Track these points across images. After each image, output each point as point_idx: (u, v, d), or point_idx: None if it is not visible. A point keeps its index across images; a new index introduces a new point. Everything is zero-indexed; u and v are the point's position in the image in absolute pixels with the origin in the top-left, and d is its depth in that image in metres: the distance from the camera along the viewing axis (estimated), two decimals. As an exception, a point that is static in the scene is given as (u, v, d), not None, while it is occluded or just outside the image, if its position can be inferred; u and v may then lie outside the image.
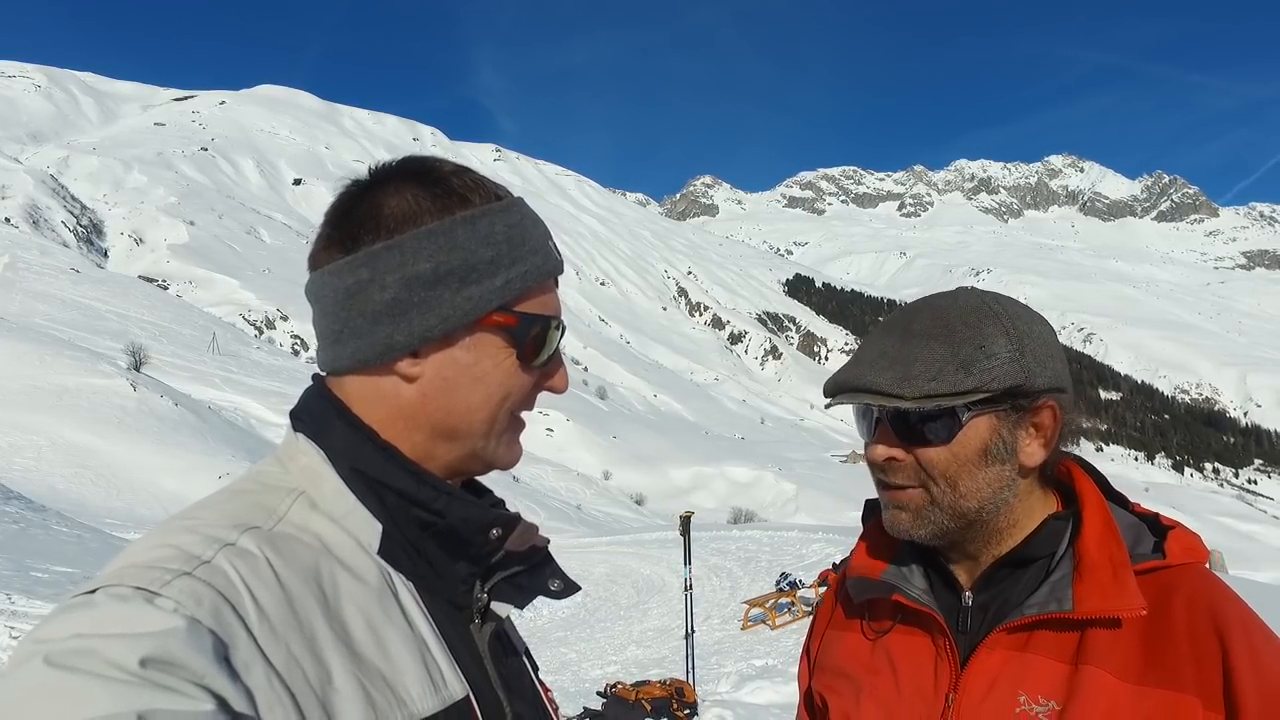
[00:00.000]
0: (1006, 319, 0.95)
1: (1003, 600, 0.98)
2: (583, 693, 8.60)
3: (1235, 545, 63.17)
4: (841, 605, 1.14)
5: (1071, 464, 1.03)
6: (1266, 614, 0.82)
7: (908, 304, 1.02)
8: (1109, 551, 0.93)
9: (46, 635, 0.55)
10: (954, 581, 1.02)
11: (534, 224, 0.80)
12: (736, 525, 30.96)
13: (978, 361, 0.92)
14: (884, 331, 0.99)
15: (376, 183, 0.77)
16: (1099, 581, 0.91)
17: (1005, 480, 0.95)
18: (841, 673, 1.08)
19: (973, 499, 0.95)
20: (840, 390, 0.98)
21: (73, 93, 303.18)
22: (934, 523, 0.96)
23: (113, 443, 25.76)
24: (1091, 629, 0.91)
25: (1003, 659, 0.94)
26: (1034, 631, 0.94)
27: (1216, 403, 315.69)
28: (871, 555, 1.08)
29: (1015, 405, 0.94)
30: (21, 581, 8.98)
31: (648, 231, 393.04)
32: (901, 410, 0.94)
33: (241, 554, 0.64)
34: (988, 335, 0.93)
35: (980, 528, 0.97)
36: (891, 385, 0.93)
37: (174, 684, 0.54)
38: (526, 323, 0.77)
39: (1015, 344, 0.93)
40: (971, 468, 0.94)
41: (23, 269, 68.18)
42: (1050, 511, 1.00)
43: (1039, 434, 0.96)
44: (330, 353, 0.77)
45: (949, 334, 0.94)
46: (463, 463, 0.79)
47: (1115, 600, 0.90)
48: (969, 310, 0.96)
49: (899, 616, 1.04)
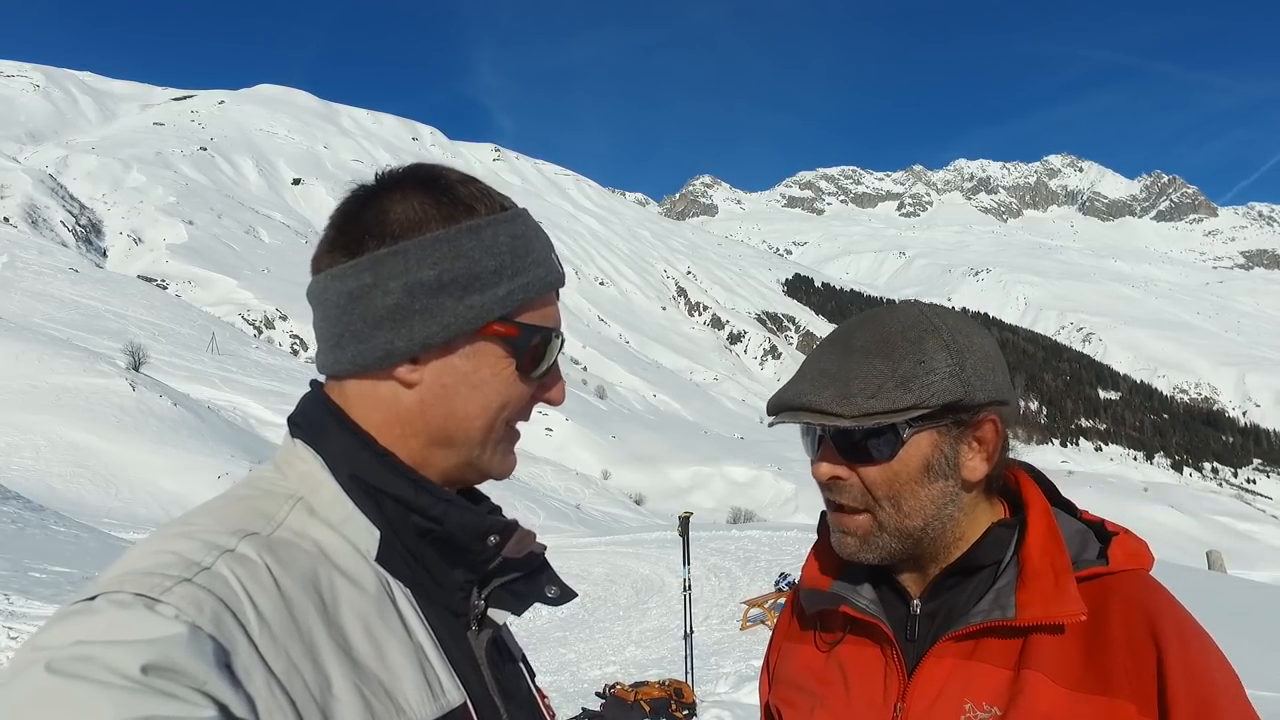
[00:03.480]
0: (947, 333, 0.94)
1: (950, 608, 0.98)
2: (581, 693, 8.59)
3: (1234, 545, 63.27)
4: (797, 617, 1.14)
5: (1019, 471, 1.03)
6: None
7: (852, 319, 1.01)
8: (1051, 558, 0.94)
9: (47, 642, 0.55)
10: (902, 591, 1.02)
11: (537, 235, 0.81)
12: (735, 525, 30.93)
13: (917, 378, 0.92)
14: (826, 348, 0.98)
15: (383, 188, 0.77)
16: (1041, 588, 0.92)
17: (949, 495, 0.96)
18: (797, 685, 1.08)
19: (917, 517, 0.95)
20: (781, 409, 0.97)
21: (71, 92, 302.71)
22: (881, 547, 0.96)
23: (111, 442, 25.73)
24: (1034, 635, 0.92)
25: (949, 667, 0.95)
26: (980, 639, 0.94)
27: (1215, 402, 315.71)
28: (822, 567, 1.08)
29: (956, 420, 0.94)
30: (19, 582, 8.96)
31: (647, 231, 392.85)
32: (842, 429, 0.93)
33: (241, 560, 0.64)
34: (927, 350, 0.93)
35: (927, 544, 0.97)
36: (830, 404, 0.92)
37: (176, 690, 0.54)
38: (527, 333, 0.78)
39: (955, 358, 0.93)
40: (914, 485, 0.94)
41: (21, 268, 68.08)
42: (993, 519, 1.00)
43: (981, 448, 0.96)
44: (330, 356, 0.77)
45: (888, 350, 0.93)
46: (458, 471, 0.79)
47: (1056, 606, 0.90)
48: (909, 325, 0.95)
49: (849, 627, 1.04)
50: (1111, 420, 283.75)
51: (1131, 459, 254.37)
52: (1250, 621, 9.95)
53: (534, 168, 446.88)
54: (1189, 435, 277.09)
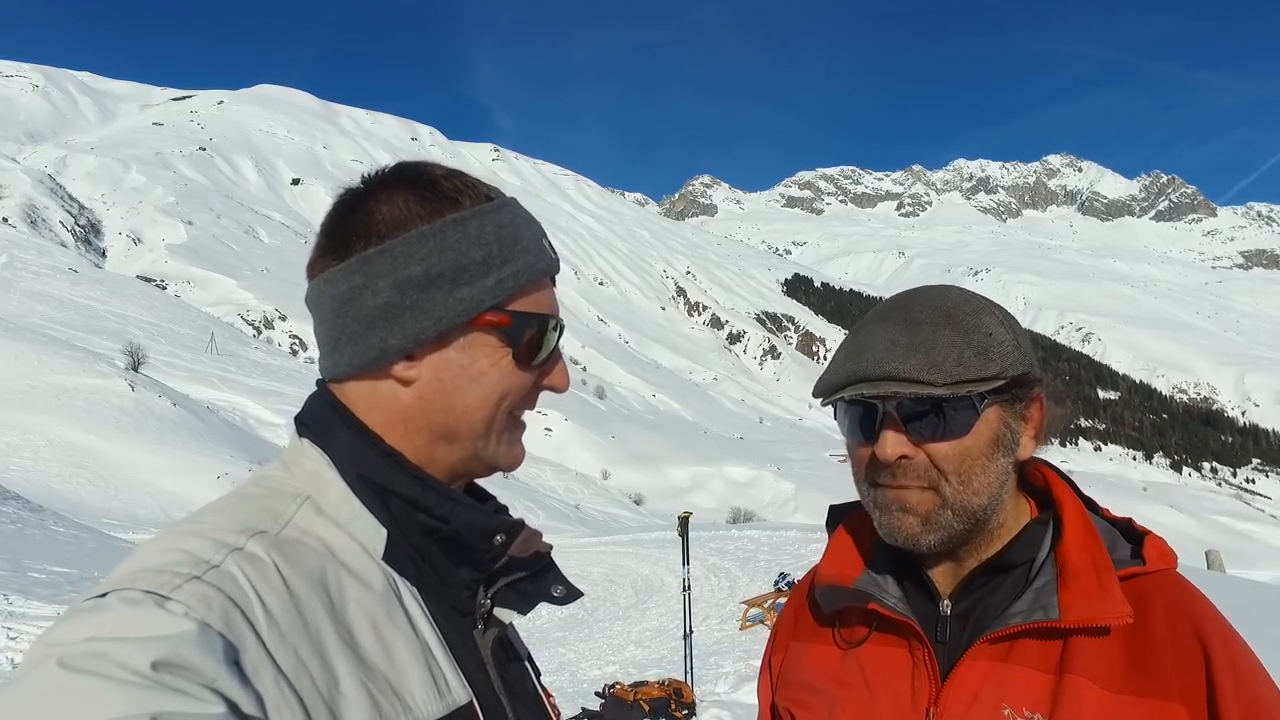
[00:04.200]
0: (997, 309, 0.93)
1: (983, 609, 0.94)
2: (581, 693, 8.59)
3: (1233, 544, 63.31)
4: (808, 615, 1.09)
5: (1044, 468, 1.01)
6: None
7: (894, 296, 0.97)
8: (1091, 557, 0.91)
9: (59, 639, 0.56)
10: (931, 589, 0.98)
11: (526, 223, 0.80)
12: (735, 525, 30.92)
13: (992, 349, 0.89)
14: (881, 321, 0.93)
15: (369, 190, 0.78)
16: (1084, 588, 0.89)
17: (1006, 473, 0.93)
18: (810, 686, 1.03)
19: (983, 494, 0.91)
20: (858, 380, 0.91)
21: (70, 92, 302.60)
22: (944, 527, 0.92)
23: (110, 443, 25.72)
24: (1076, 637, 0.89)
25: (985, 670, 0.91)
26: (1017, 641, 0.91)
27: (1214, 402, 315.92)
28: (842, 562, 1.04)
29: (1015, 395, 0.92)
30: (19, 582, 8.97)
31: (646, 231, 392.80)
32: (930, 397, 0.88)
33: (250, 559, 0.65)
34: (986, 323, 0.90)
35: (981, 528, 0.94)
36: (920, 371, 0.88)
37: (186, 687, 0.55)
38: (521, 321, 0.77)
39: (1012, 333, 0.91)
40: (985, 460, 0.91)
41: (20, 269, 68.05)
42: (1027, 515, 0.98)
43: (1030, 425, 0.95)
44: (330, 359, 0.78)
45: (955, 322, 0.90)
46: (464, 465, 0.80)
47: (1102, 608, 0.87)
48: (962, 300, 0.93)
49: (874, 626, 0.99)
50: (1111, 420, 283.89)
51: (1131, 459, 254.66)
52: (1249, 621, 9.84)
53: (533, 168, 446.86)
54: (1188, 435, 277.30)
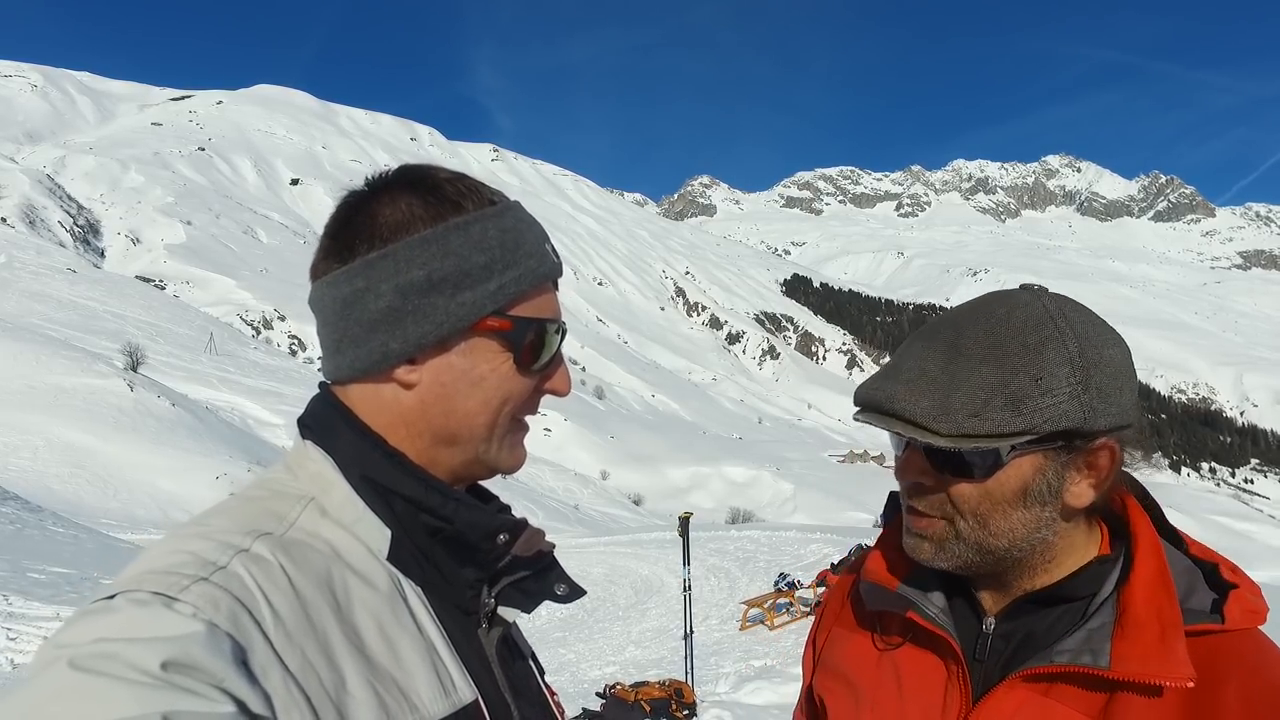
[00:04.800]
0: (1074, 341, 0.81)
1: (1028, 635, 0.88)
2: (581, 694, 8.58)
3: (1231, 544, 63.32)
4: (852, 605, 1.05)
5: (1126, 494, 0.90)
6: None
7: (961, 307, 0.88)
8: (1158, 607, 0.81)
9: (69, 640, 0.56)
10: (976, 604, 0.92)
11: (529, 228, 0.80)
12: (734, 525, 30.96)
13: (1030, 399, 0.79)
14: (928, 342, 0.86)
15: (373, 192, 0.78)
16: (1143, 641, 0.80)
17: (1043, 521, 0.84)
18: (843, 677, 1.01)
19: (1003, 539, 0.84)
20: (870, 409, 0.87)
21: (69, 92, 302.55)
22: (957, 556, 0.86)
23: (109, 443, 25.71)
24: (1125, 692, 0.80)
25: (1021, 700, 0.84)
26: (1060, 680, 0.83)
27: (1213, 402, 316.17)
28: (890, 562, 0.98)
29: (1069, 446, 0.82)
30: (18, 582, 8.96)
31: (645, 231, 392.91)
32: (929, 445, 0.83)
33: (256, 560, 0.65)
34: (1048, 363, 0.79)
35: (1011, 564, 0.87)
36: (926, 417, 0.81)
37: (195, 686, 0.55)
38: (522, 326, 0.78)
39: (1080, 375, 0.80)
40: (1006, 507, 0.83)
41: (19, 269, 68.00)
42: (1095, 547, 0.89)
43: (1091, 474, 0.84)
44: (332, 362, 0.78)
45: (1001, 357, 0.80)
46: (466, 468, 0.80)
47: (1159, 666, 0.78)
48: (1030, 326, 0.81)
49: (911, 634, 0.94)
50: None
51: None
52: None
53: (532, 168, 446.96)
54: (1187, 435, 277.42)
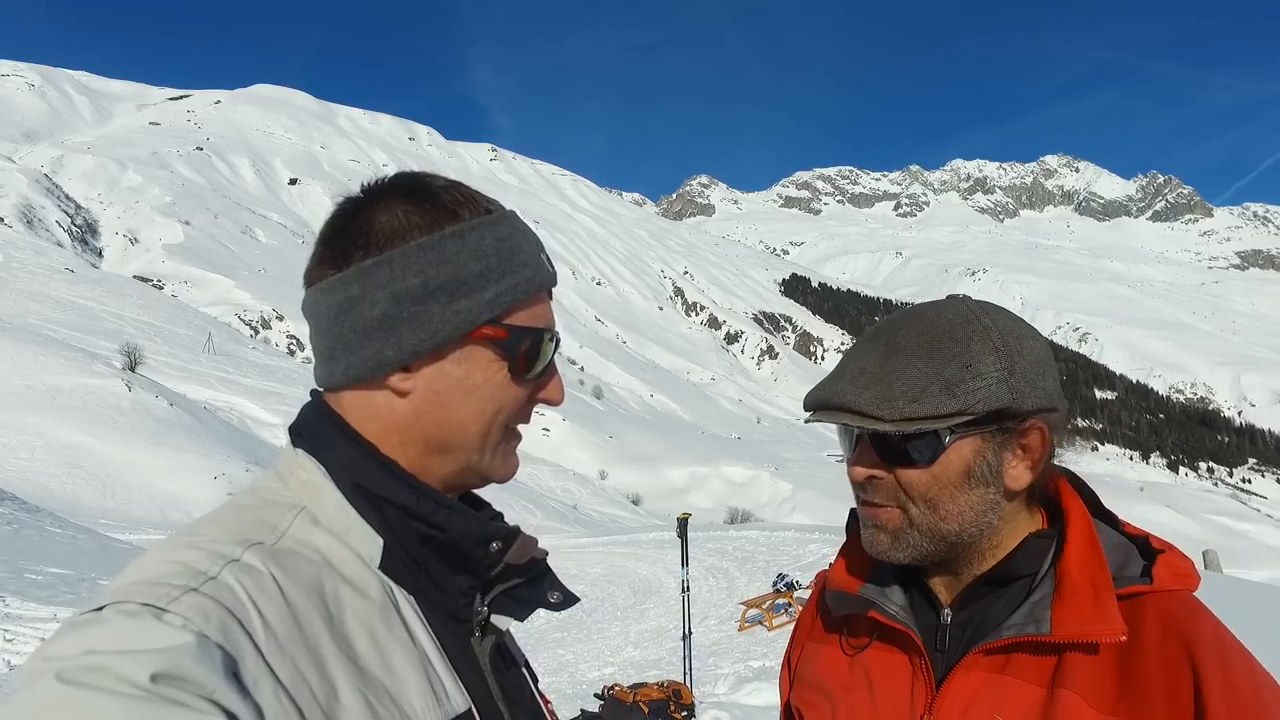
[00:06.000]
0: (997, 334, 0.91)
1: (982, 619, 0.95)
2: (580, 695, 8.58)
3: (1230, 544, 63.43)
4: (821, 617, 1.11)
5: (1060, 479, 1.00)
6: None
7: (895, 314, 0.97)
8: (1090, 573, 0.90)
9: (57, 652, 0.56)
10: (933, 598, 1.00)
11: (525, 237, 0.80)
12: (733, 525, 30.95)
13: (963, 382, 0.89)
14: (867, 344, 0.95)
15: (369, 199, 0.78)
16: (1079, 604, 0.88)
17: (989, 503, 0.93)
18: (819, 687, 1.06)
19: (953, 521, 0.92)
20: (819, 407, 0.95)
21: (67, 92, 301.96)
22: (912, 545, 0.94)
23: (107, 443, 25.66)
24: (1069, 653, 0.88)
25: (979, 681, 0.92)
26: (1012, 653, 0.91)
27: (1211, 402, 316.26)
28: (851, 568, 1.06)
29: (1002, 427, 0.91)
30: (15, 583, 8.93)
31: (644, 231, 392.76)
32: (881, 433, 0.91)
33: (247, 570, 0.64)
34: (975, 353, 0.90)
35: (961, 549, 0.95)
36: (871, 405, 0.90)
37: (185, 699, 0.54)
38: (517, 335, 0.77)
39: (1005, 362, 0.90)
40: (953, 490, 0.92)
41: (17, 269, 67.87)
42: (1031, 528, 0.97)
43: (1026, 455, 0.93)
44: (325, 369, 0.78)
45: (933, 350, 0.90)
46: (458, 476, 0.80)
47: (1093, 624, 0.87)
48: (957, 324, 0.92)
49: (876, 633, 1.01)
50: (1107, 420, 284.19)
51: (1127, 459, 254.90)
52: (1246, 622, 9.91)
53: (531, 167, 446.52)
54: (1185, 435, 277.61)
